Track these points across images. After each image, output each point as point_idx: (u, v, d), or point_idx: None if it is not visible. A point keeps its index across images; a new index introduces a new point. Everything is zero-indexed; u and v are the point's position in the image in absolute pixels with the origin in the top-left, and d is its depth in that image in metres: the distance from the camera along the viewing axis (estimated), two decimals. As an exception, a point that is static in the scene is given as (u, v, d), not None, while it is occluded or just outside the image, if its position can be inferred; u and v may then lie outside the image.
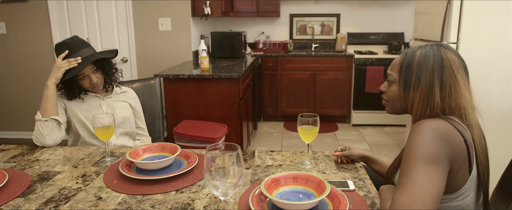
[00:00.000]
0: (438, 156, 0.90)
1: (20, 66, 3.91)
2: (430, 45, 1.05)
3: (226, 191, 0.85)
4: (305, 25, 4.84)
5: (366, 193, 1.08)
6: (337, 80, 4.33)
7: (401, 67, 1.06)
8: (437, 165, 0.89)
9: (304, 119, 1.23)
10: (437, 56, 1.01)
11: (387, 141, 3.86)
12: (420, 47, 1.06)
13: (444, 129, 0.93)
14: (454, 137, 0.93)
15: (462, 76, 1.01)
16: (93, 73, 1.68)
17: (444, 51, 1.02)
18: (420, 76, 1.01)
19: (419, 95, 1.02)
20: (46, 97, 1.58)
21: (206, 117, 2.90)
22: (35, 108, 4.31)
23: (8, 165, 1.32)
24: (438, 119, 0.97)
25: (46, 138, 1.53)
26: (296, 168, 1.26)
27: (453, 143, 0.93)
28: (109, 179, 1.17)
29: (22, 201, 1.04)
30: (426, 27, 3.00)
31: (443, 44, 1.06)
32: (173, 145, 1.32)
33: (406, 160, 0.93)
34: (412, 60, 1.04)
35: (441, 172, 0.89)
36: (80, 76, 1.67)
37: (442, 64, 1.00)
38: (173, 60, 3.75)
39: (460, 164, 0.95)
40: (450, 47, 1.06)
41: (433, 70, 1.00)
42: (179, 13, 3.66)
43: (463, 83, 1.00)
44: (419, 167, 0.89)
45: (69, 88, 1.68)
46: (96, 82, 1.69)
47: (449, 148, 0.92)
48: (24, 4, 3.71)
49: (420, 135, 0.93)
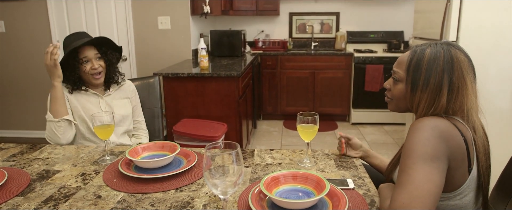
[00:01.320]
0: (437, 154, 0.90)
1: (19, 65, 3.90)
2: (440, 44, 1.02)
3: (226, 190, 0.85)
4: (304, 24, 4.84)
5: (365, 191, 1.08)
6: (336, 78, 4.33)
7: (409, 66, 1.04)
8: (435, 163, 0.89)
9: (303, 118, 1.23)
10: (447, 57, 0.99)
11: (386, 139, 3.87)
12: (429, 45, 1.03)
13: (443, 127, 0.93)
14: (453, 135, 0.93)
15: (471, 78, 1.00)
16: (96, 60, 1.68)
17: (454, 51, 1.00)
18: (429, 76, 0.99)
19: (426, 95, 1.00)
20: (55, 97, 1.58)
21: (205, 115, 2.90)
22: (34, 107, 4.29)
23: (7, 163, 1.32)
24: (438, 117, 0.97)
25: (60, 138, 1.57)
26: (296, 167, 1.26)
27: (452, 141, 0.92)
28: (109, 178, 1.17)
29: (21, 200, 1.04)
30: (425, 26, 3.00)
31: (453, 44, 1.03)
32: (173, 143, 1.32)
33: (404, 158, 0.93)
34: (421, 59, 1.01)
35: (439, 170, 0.89)
36: (83, 59, 1.65)
37: (452, 65, 0.98)
38: (172, 58, 3.75)
39: (459, 162, 0.95)
40: (459, 46, 1.03)
41: (443, 71, 0.98)
42: (178, 11, 3.66)
43: (470, 86, 0.99)
44: (418, 165, 0.89)
45: (68, 75, 1.66)
46: (97, 68, 1.68)
47: (448, 146, 0.91)
48: (23, 2, 3.70)
49: (419, 133, 0.92)
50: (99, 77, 1.71)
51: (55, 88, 1.57)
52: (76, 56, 1.65)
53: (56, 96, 1.57)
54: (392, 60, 4.10)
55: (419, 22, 3.17)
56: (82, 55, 1.65)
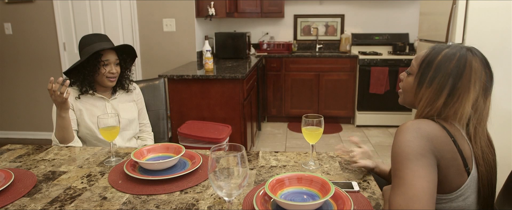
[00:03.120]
0: (421, 151, 0.90)
1: (26, 67, 3.94)
2: (460, 47, 1.01)
3: (231, 192, 0.85)
4: (309, 26, 4.84)
5: (370, 194, 1.07)
6: (341, 81, 4.32)
7: (423, 61, 1.04)
8: (421, 161, 0.89)
9: (308, 120, 1.23)
10: (460, 61, 0.97)
11: (391, 142, 3.83)
12: (449, 46, 1.02)
13: (426, 127, 0.93)
14: (437, 134, 0.93)
15: (477, 89, 0.97)
16: (115, 65, 1.71)
17: (471, 57, 0.98)
18: (436, 76, 0.99)
19: (428, 94, 1.01)
20: (62, 127, 1.53)
21: (210, 117, 2.90)
22: (41, 108, 4.32)
23: (14, 164, 1.33)
24: (422, 120, 0.97)
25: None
26: (300, 169, 1.26)
27: (436, 139, 0.92)
28: (114, 179, 1.18)
29: (27, 201, 1.05)
30: (431, 28, 2.99)
31: (474, 50, 1.01)
32: (178, 145, 1.32)
33: (393, 162, 0.94)
34: (435, 58, 1.01)
35: (428, 166, 0.89)
36: (104, 61, 1.68)
37: (462, 71, 0.97)
38: (177, 60, 3.76)
39: (449, 161, 0.94)
40: (479, 53, 1.01)
41: (449, 74, 0.97)
42: (183, 14, 3.67)
43: (473, 97, 0.97)
44: (405, 165, 0.89)
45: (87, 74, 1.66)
46: (115, 72, 1.71)
47: (432, 144, 0.91)
48: (30, 4, 3.74)
49: (402, 135, 0.93)
50: (114, 80, 1.73)
51: (63, 119, 1.53)
52: (98, 57, 1.66)
53: (63, 126, 1.54)
54: (397, 62, 4.09)
55: (424, 24, 3.16)
56: (104, 58, 1.67)
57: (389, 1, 4.61)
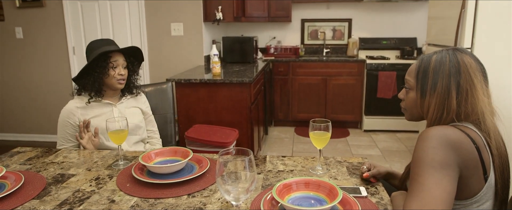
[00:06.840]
0: (447, 161, 0.89)
1: (36, 70, 3.99)
2: (445, 50, 1.04)
3: (238, 196, 0.85)
4: (316, 30, 4.84)
5: (379, 199, 1.07)
6: (348, 85, 4.30)
7: (418, 73, 1.06)
8: (445, 171, 0.88)
9: (316, 125, 1.23)
10: (453, 61, 1.00)
11: (399, 147, 3.82)
12: (435, 52, 1.05)
13: (452, 135, 0.92)
14: (462, 143, 0.92)
15: (480, 80, 1.00)
16: (123, 68, 1.73)
17: (460, 55, 1.01)
18: (436, 81, 1.00)
19: (435, 99, 1.01)
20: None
21: (217, 121, 2.91)
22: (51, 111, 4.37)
23: (24, 167, 1.35)
24: (446, 126, 0.96)
25: None
26: (308, 174, 1.26)
27: (462, 149, 0.91)
28: (122, 182, 1.18)
29: (37, 203, 1.06)
30: (439, 32, 2.97)
31: (458, 48, 1.04)
32: (185, 149, 1.33)
33: (414, 167, 0.93)
34: (428, 66, 1.03)
35: (450, 177, 0.88)
36: (113, 62, 1.69)
37: (458, 68, 0.99)
38: (185, 65, 3.79)
39: (472, 170, 0.94)
40: (466, 50, 1.04)
41: (449, 75, 0.99)
42: (191, 18, 3.70)
43: (480, 87, 0.99)
44: (428, 172, 0.88)
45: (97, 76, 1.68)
46: (123, 74, 1.73)
47: (457, 155, 0.91)
48: (41, 9, 3.79)
49: (427, 142, 0.92)
50: (123, 83, 1.75)
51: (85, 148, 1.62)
52: (107, 59, 1.68)
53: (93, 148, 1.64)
54: (405, 66, 4.07)
55: (432, 28, 3.14)
56: (113, 59, 1.69)
57: (397, 5, 4.59)
